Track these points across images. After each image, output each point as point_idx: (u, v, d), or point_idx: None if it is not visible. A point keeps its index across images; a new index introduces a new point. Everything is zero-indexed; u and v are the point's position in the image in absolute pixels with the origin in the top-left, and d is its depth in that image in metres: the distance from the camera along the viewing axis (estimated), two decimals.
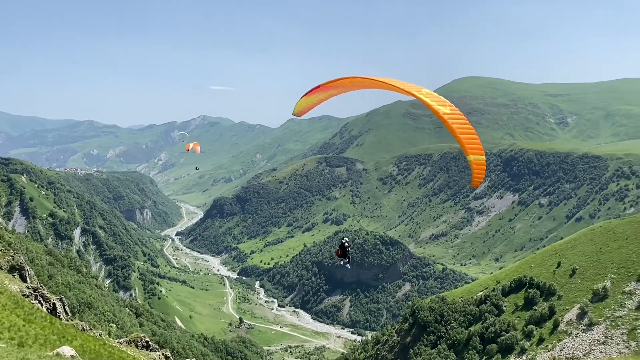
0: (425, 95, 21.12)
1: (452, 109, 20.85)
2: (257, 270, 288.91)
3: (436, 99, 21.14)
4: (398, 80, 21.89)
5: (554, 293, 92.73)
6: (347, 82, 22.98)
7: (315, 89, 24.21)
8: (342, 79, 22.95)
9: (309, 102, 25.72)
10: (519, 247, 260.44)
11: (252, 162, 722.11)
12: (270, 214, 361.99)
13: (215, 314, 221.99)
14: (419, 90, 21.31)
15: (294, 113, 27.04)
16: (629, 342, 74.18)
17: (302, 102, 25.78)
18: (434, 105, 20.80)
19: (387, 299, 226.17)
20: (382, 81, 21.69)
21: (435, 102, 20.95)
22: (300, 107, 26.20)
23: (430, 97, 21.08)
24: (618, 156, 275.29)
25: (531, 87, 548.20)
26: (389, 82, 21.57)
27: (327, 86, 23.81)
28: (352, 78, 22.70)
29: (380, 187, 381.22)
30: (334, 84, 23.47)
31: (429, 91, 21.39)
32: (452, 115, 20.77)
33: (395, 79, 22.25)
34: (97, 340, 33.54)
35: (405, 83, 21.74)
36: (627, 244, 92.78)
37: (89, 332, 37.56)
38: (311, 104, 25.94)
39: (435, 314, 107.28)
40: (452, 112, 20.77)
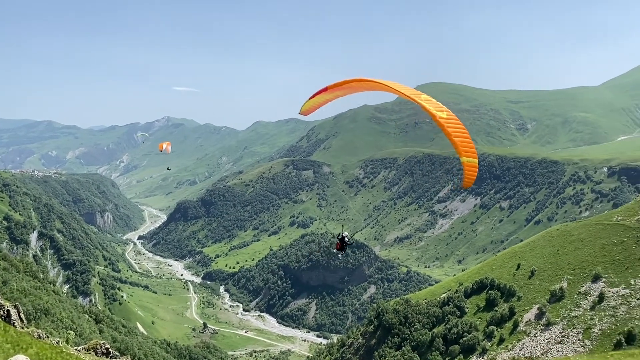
0: (424, 100, 22.45)
1: (448, 114, 22.18)
2: (221, 275, 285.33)
3: (434, 104, 22.47)
4: (400, 84, 23.29)
5: (514, 294, 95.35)
6: (354, 84, 24.36)
7: (323, 90, 25.39)
8: (348, 81, 24.30)
9: (316, 102, 26.91)
10: (481, 250, 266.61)
11: (218, 164, 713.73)
12: (235, 217, 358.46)
13: (179, 319, 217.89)
14: (418, 95, 22.66)
15: (301, 112, 28.34)
16: (584, 341, 77.01)
17: (309, 103, 27.02)
18: (432, 110, 22.16)
19: (352, 301, 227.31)
20: (385, 84, 23.04)
21: (433, 107, 22.31)
22: (307, 107, 27.51)
23: (428, 103, 22.46)
24: (574, 161, 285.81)
25: (493, 94, 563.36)
26: (392, 86, 22.95)
27: (333, 88, 25.18)
28: (357, 80, 24.01)
29: (347, 190, 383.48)
30: (340, 86, 24.79)
31: (427, 97, 22.75)
32: (448, 120, 22.03)
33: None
34: (53, 348, 32.39)
35: (407, 87, 23.12)
36: (582, 246, 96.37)
37: (45, 339, 36.21)
38: (317, 104, 27.32)
39: (400, 316, 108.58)
40: (449, 117, 22.07)
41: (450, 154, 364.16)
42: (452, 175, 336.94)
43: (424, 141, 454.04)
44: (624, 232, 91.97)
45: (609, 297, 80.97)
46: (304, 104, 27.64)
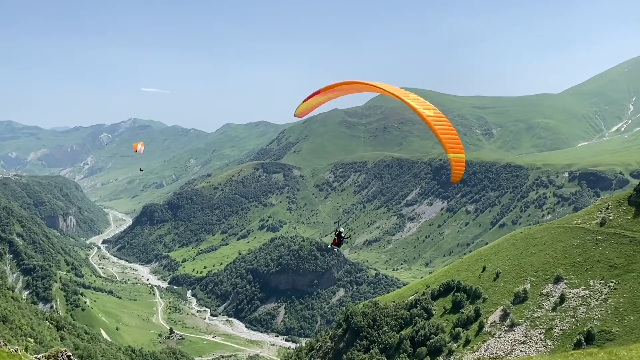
0: (412, 99, 23.18)
1: (435, 112, 23.07)
2: (189, 279, 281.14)
3: (421, 103, 23.23)
4: (389, 85, 24.16)
5: (480, 296, 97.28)
6: (345, 86, 25.19)
7: (315, 93, 26.05)
8: (340, 83, 25.16)
9: (310, 104, 27.55)
10: (448, 252, 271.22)
11: (186, 167, 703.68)
12: (203, 220, 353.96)
13: (144, 324, 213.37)
14: (406, 95, 23.41)
15: (296, 114, 29.17)
16: (546, 341, 79.18)
17: (303, 105, 27.64)
18: (419, 108, 22.95)
19: (321, 305, 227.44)
20: (375, 85, 23.93)
21: (420, 106, 23.09)
22: (301, 109, 28.19)
23: (416, 102, 23.18)
24: (537, 166, 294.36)
25: (460, 100, 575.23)
26: (381, 87, 23.83)
27: (325, 90, 25.91)
28: (348, 83, 24.86)
29: (317, 194, 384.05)
30: (332, 88, 25.55)
31: (415, 96, 23.49)
32: (434, 118, 22.93)
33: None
34: (12, 356, 31.18)
35: (395, 87, 23.86)
36: (545, 249, 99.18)
37: (3, 347, 34.82)
38: (311, 106, 27.69)
39: (368, 318, 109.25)
40: (435, 115, 22.97)
41: (417, 158, 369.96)
42: (420, 180, 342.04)
43: (392, 145, 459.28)
44: (583, 235, 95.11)
45: (569, 298, 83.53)
46: (298, 107, 28.18)
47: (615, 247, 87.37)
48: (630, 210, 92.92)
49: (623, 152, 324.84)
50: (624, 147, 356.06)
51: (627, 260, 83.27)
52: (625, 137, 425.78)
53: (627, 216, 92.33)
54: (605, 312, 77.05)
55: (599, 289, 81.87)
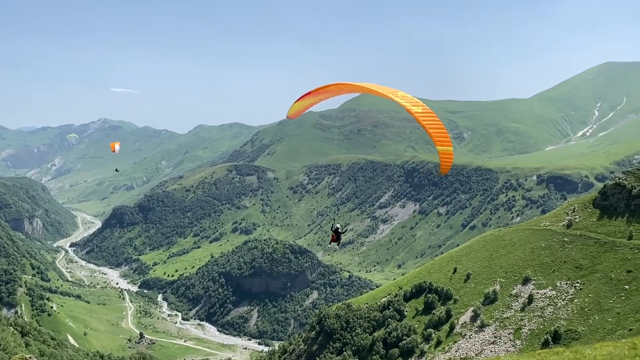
0: (401, 97, 24.13)
1: (423, 108, 23.98)
2: (160, 283, 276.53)
3: (410, 100, 24.16)
4: (377, 85, 25.17)
5: (451, 297, 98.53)
6: (334, 87, 26.04)
7: (307, 94, 26.97)
8: (330, 85, 25.94)
9: (302, 105, 28.28)
10: (420, 254, 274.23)
11: (157, 169, 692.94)
12: (175, 223, 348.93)
13: (113, 329, 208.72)
14: (394, 93, 24.30)
15: (288, 116, 30.05)
16: (515, 341, 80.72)
17: (295, 106, 28.51)
18: (408, 105, 23.84)
19: (295, 307, 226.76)
20: (363, 86, 25.05)
21: (409, 103, 23.95)
22: (293, 111, 29.00)
23: (404, 99, 24.07)
24: (507, 169, 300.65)
25: (432, 103, 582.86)
26: (369, 87, 24.90)
27: (317, 92, 26.64)
28: (339, 85, 25.69)
29: (291, 196, 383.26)
30: (323, 90, 26.36)
31: (404, 94, 24.39)
32: (422, 114, 23.92)
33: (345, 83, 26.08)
34: None
35: (384, 87, 24.82)
36: (514, 250, 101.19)
37: None
38: (303, 107, 28.57)
39: (341, 321, 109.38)
40: (423, 111, 23.96)
41: (391, 160, 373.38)
42: (393, 182, 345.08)
43: (366, 148, 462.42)
44: (551, 236, 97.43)
45: (537, 299, 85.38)
46: (290, 108, 28.92)
47: (581, 248, 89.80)
48: (595, 213, 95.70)
49: (588, 156, 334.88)
50: (589, 151, 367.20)
51: (592, 262, 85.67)
52: (590, 142, 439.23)
53: (592, 218, 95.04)
54: (571, 312, 79.04)
55: (566, 290, 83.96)
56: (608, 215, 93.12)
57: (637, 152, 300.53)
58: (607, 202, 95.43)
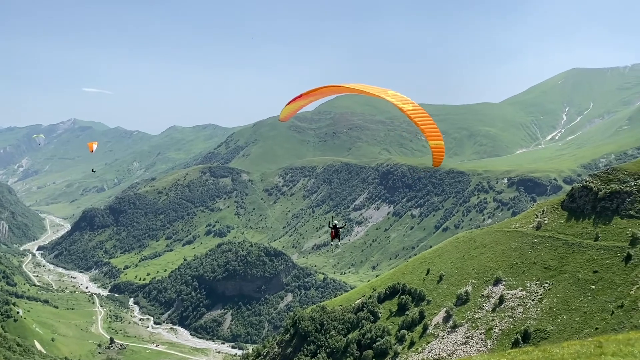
0: (391, 96, 24.81)
1: (413, 105, 24.76)
2: (131, 287, 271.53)
3: (400, 98, 24.86)
4: (367, 85, 25.73)
5: (424, 298, 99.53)
6: (326, 90, 26.57)
7: (299, 97, 27.58)
8: (321, 88, 26.46)
9: (293, 108, 28.78)
10: (394, 256, 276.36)
11: (129, 170, 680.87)
12: (147, 226, 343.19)
13: (83, 335, 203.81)
14: (385, 92, 24.95)
15: (281, 118, 30.87)
16: (486, 341, 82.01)
17: (287, 109, 28.99)
18: (399, 104, 24.56)
19: (269, 310, 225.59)
20: (354, 87, 25.58)
21: (399, 101, 24.66)
22: (285, 113, 29.59)
23: (395, 98, 24.76)
24: (479, 172, 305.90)
25: None
26: (360, 88, 25.41)
27: (307, 95, 27.16)
28: (329, 87, 26.24)
29: (266, 198, 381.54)
30: (314, 92, 26.87)
31: (394, 92, 25.08)
32: (414, 111, 24.72)
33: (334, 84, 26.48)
34: None
35: (373, 87, 25.34)
36: (485, 252, 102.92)
37: None
38: (294, 109, 29.13)
39: (316, 323, 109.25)
40: (414, 108, 24.74)
41: (366, 163, 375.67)
42: (368, 184, 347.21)
43: (341, 151, 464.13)
44: (521, 238, 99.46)
45: (508, 299, 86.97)
46: (282, 111, 29.44)
47: (550, 249, 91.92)
48: (563, 215, 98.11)
49: (557, 159, 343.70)
50: (558, 154, 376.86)
51: (560, 262, 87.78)
52: (559, 145, 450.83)
53: (560, 220, 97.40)
54: (540, 312, 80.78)
55: (535, 290, 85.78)
56: (575, 217, 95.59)
57: (603, 156, 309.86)
58: (574, 204, 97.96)
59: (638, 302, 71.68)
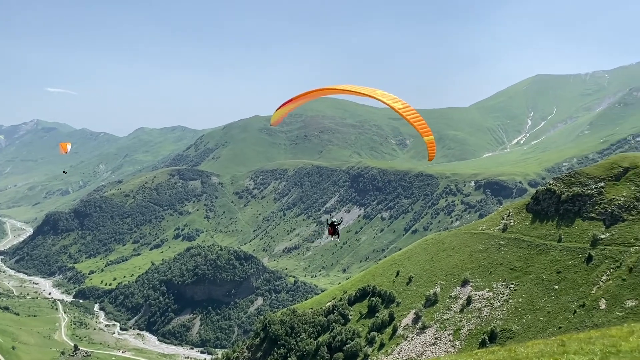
0: (381, 95, 25.51)
1: (403, 103, 25.41)
2: (96, 292, 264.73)
3: (389, 97, 25.57)
4: (353, 85, 26.65)
5: (394, 300, 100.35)
6: (315, 93, 27.37)
7: (289, 101, 28.34)
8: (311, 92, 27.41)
9: (283, 112, 29.42)
10: (364, 258, 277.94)
11: (94, 173, 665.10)
12: (113, 230, 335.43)
13: (45, 342, 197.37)
14: (374, 91, 25.66)
15: (272, 123, 31.73)
16: (454, 341, 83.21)
17: (278, 113, 29.74)
18: (390, 102, 25.26)
19: (239, 314, 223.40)
20: (343, 88, 26.55)
21: (390, 100, 25.34)
22: (276, 118, 30.39)
23: (385, 97, 25.46)
24: (447, 175, 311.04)
25: (376, 111, 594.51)
26: (349, 89, 26.30)
27: (297, 99, 27.97)
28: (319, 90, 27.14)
29: (236, 201, 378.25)
30: (303, 96, 27.70)
31: (382, 92, 25.82)
32: (404, 109, 25.33)
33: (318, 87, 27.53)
34: None
35: (363, 87, 26.15)
36: (453, 253, 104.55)
37: None
38: (284, 113, 29.74)
39: (286, 326, 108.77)
40: (404, 106, 25.37)
41: (337, 166, 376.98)
42: (339, 187, 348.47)
43: (313, 153, 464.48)
44: (487, 240, 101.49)
45: (475, 300, 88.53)
46: (273, 116, 30.22)
47: (515, 251, 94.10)
48: (528, 217, 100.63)
49: (522, 163, 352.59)
50: (523, 158, 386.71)
51: (525, 263, 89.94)
52: (524, 149, 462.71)
53: (525, 222, 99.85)
54: (506, 312, 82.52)
55: (501, 291, 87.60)
56: (540, 220, 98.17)
57: (565, 160, 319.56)
58: (539, 206, 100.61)
59: (599, 302, 74.07)
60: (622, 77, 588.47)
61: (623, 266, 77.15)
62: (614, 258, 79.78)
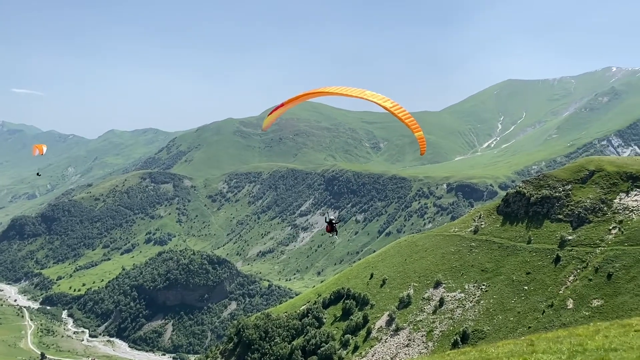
0: (370, 95, 26.42)
1: (392, 102, 26.33)
2: (65, 298, 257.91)
3: (378, 97, 26.52)
4: (343, 87, 27.38)
5: (368, 302, 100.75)
6: (305, 96, 28.17)
7: (280, 106, 28.94)
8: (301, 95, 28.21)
9: (274, 116, 30.05)
10: (338, 261, 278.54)
11: (63, 176, 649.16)
12: (83, 234, 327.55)
13: (10, 351, 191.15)
14: (362, 92, 26.59)
15: (263, 128, 34.04)
16: (427, 342, 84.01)
17: (269, 119, 30.59)
18: (380, 102, 26.12)
19: (212, 319, 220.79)
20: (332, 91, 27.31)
21: (380, 100, 26.24)
22: (267, 123, 31.29)
23: (374, 97, 26.38)
24: (419, 178, 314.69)
25: (350, 114, 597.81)
26: (338, 91, 27.07)
27: (288, 103, 28.68)
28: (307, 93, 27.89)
29: (209, 205, 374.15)
30: (294, 100, 28.35)
31: (371, 92, 26.77)
32: (394, 107, 26.23)
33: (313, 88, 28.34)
34: None
35: (351, 88, 27.00)
36: (426, 255, 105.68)
37: None
38: (275, 117, 30.49)
39: (260, 331, 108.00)
40: (394, 105, 26.28)
41: (311, 169, 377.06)
42: (314, 190, 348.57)
43: (287, 156, 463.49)
44: (459, 242, 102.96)
45: (447, 301, 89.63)
46: (264, 121, 31.09)
47: (487, 252, 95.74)
48: (498, 219, 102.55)
49: (492, 166, 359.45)
50: (493, 162, 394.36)
51: (496, 265, 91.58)
52: (494, 153, 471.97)
53: (496, 224, 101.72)
54: (478, 313, 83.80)
55: (473, 292, 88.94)
56: (510, 221, 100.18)
57: (534, 163, 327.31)
58: (509, 209, 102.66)
59: (566, 301, 75.94)
60: (588, 82, 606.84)
61: (589, 266, 79.32)
62: (581, 259, 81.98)
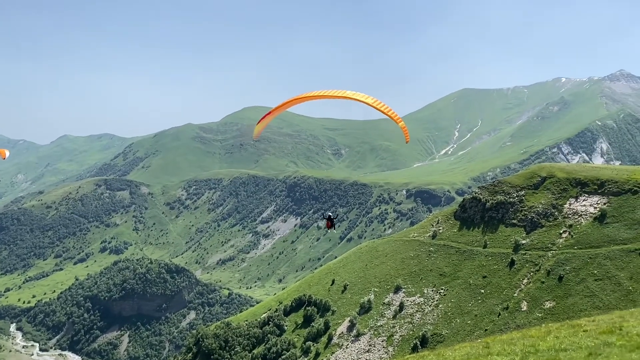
0: (351, 94, 28.09)
1: (373, 99, 28.00)
2: (13, 311, 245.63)
3: (359, 95, 28.14)
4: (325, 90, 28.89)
5: (329, 309, 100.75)
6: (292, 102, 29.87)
7: (268, 114, 30.74)
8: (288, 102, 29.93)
9: (264, 124, 31.70)
10: (300, 267, 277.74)
11: (12, 183, 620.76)
12: (33, 244, 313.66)
13: None
14: (344, 93, 28.22)
15: (254, 137, 35.28)
16: (387, 347, 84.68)
17: (258, 127, 32.26)
18: (362, 98, 27.73)
19: (170, 330, 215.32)
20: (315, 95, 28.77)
21: (361, 97, 27.95)
22: (257, 131, 33.07)
23: (356, 95, 28.02)
24: (380, 184, 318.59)
25: (312, 121, 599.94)
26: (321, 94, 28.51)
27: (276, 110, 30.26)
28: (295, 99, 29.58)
29: (167, 212, 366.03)
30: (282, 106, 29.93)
31: (352, 92, 28.40)
32: (376, 102, 27.99)
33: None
34: None
35: (333, 90, 28.51)
36: (386, 260, 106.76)
37: None
38: (264, 124, 32.09)
39: (220, 340, 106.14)
40: (375, 100, 28.05)
41: (273, 175, 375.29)
42: (275, 197, 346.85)
43: (249, 163, 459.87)
44: (418, 247, 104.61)
45: (407, 306, 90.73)
46: (255, 130, 33.06)
47: (445, 257, 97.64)
48: (456, 224, 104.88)
49: (449, 172, 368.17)
50: (450, 168, 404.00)
51: (454, 269, 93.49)
52: (451, 160, 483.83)
53: (453, 229, 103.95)
54: (436, 317, 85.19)
55: (432, 296, 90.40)
56: (467, 226, 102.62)
57: (490, 169, 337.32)
58: (466, 214, 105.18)
59: (521, 304, 78.27)
60: (540, 92, 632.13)
61: (542, 270, 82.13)
62: (534, 262, 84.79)
